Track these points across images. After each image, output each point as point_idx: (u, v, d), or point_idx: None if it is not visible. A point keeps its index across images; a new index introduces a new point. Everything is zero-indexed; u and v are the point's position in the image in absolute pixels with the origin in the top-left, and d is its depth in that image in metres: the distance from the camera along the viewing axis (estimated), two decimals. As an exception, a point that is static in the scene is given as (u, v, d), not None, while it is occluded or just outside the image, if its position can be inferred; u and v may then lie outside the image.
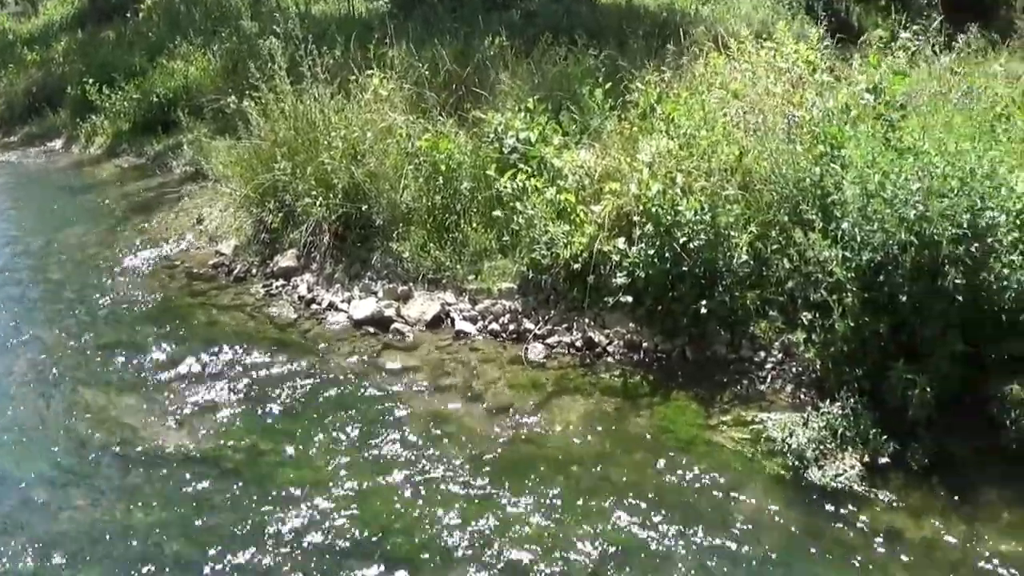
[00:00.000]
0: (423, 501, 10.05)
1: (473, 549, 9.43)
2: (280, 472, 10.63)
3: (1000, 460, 10.18)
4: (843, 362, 10.63)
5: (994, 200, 10.31)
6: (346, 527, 9.75)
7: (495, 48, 16.46)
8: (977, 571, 9.16)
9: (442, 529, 9.68)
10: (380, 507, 10.00)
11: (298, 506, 10.05)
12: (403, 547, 9.48)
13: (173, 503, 10.23)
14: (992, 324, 10.32)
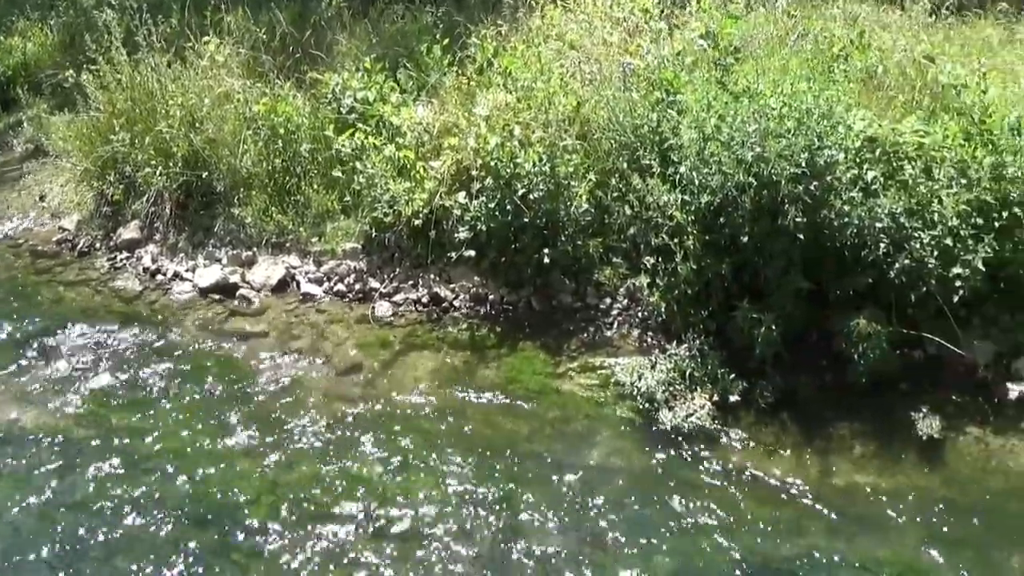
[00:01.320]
0: (276, 463, 9.87)
1: (326, 507, 9.30)
2: (135, 444, 10.33)
3: (848, 394, 10.20)
4: (688, 304, 10.52)
5: (831, 139, 10.24)
6: (202, 493, 9.54)
7: (332, 9, 16.10)
8: (831, 504, 9.19)
9: (295, 489, 9.51)
10: (235, 472, 9.78)
11: (155, 475, 9.82)
12: (259, 509, 9.33)
13: (29, 481, 9.89)
14: (834, 261, 10.30)
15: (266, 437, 10.15)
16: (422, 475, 9.57)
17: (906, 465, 9.67)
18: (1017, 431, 10.01)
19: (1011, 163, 10.32)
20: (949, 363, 10.46)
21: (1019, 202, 10.28)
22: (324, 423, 10.29)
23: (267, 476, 9.68)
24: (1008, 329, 10.48)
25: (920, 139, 10.61)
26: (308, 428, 10.25)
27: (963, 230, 10.04)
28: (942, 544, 8.93)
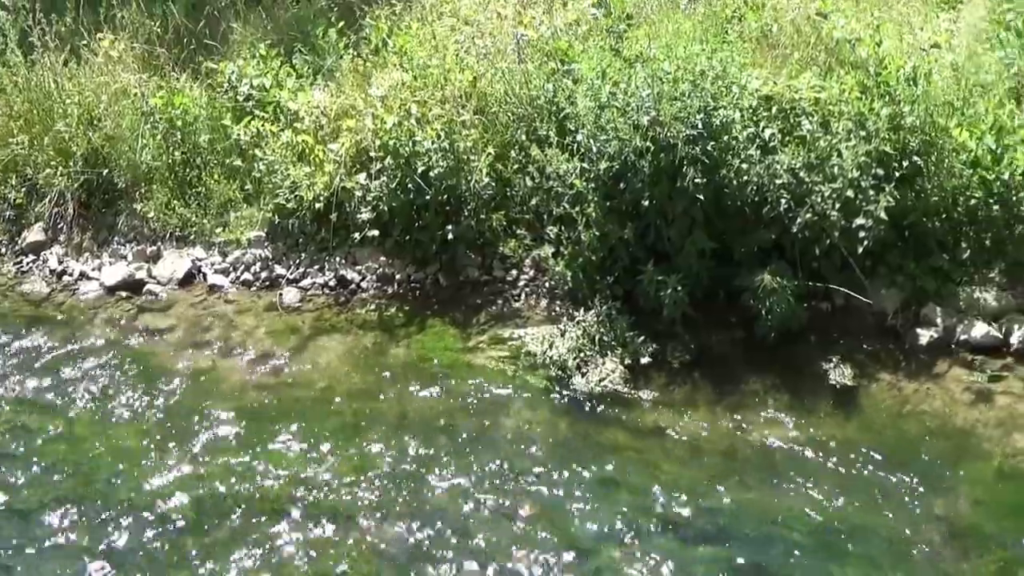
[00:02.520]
0: (194, 456, 9.64)
1: (247, 496, 9.13)
2: (48, 446, 10.06)
3: (759, 349, 10.16)
4: (594, 271, 10.38)
5: (727, 99, 10.16)
6: (119, 491, 9.32)
7: (226, -1, 15.82)
8: (747, 459, 9.16)
9: (215, 480, 9.30)
10: (152, 468, 9.55)
11: (70, 476, 9.60)
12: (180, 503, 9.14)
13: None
14: (737, 219, 10.22)
15: (181, 431, 9.88)
16: (339, 458, 9.37)
17: (820, 416, 9.61)
18: (930, 375, 10.00)
19: (908, 113, 10.30)
20: (858, 313, 10.41)
21: (919, 151, 10.27)
22: (239, 413, 10.06)
23: (185, 470, 9.46)
24: (914, 276, 10.44)
25: (816, 94, 10.54)
26: (223, 419, 9.99)
27: (864, 181, 9.97)
28: (862, 493, 8.88)
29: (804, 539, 8.52)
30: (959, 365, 10.17)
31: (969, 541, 8.58)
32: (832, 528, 8.62)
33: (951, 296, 10.50)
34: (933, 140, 10.48)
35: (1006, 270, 10.59)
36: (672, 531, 8.57)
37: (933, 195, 10.45)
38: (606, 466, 9.14)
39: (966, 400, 9.85)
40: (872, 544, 8.48)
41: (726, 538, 8.52)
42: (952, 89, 11.02)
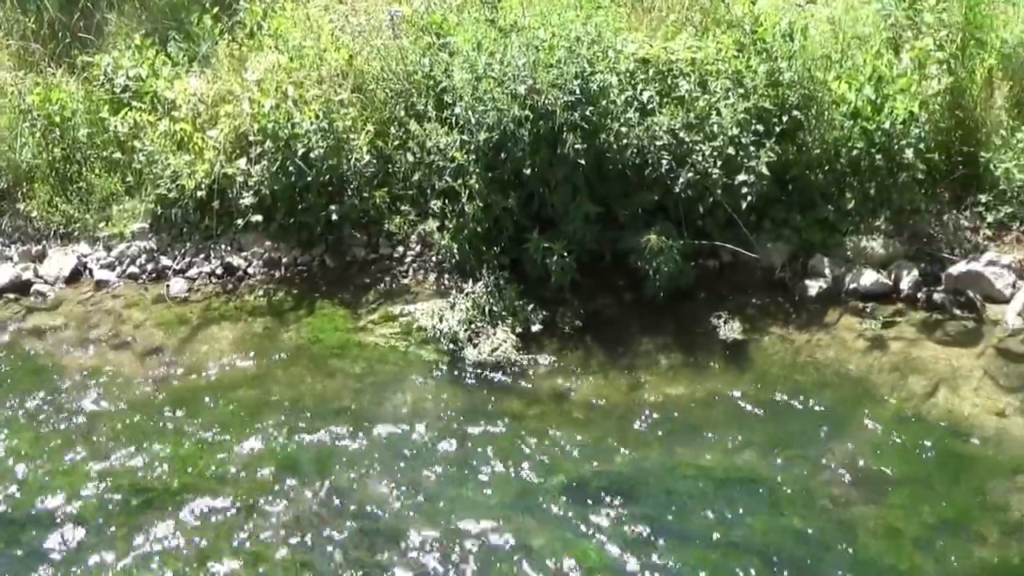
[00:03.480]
0: (90, 456, 9.37)
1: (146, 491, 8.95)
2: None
3: (648, 310, 10.19)
4: (480, 242, 10.29)
5: (603, 64, 10.12)
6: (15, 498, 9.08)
7: (100, -10, 15.52)
8: (644, 418, 9.17)
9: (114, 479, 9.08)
10: (49, 471, 9.28)
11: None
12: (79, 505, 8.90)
13: None
14: (620, 182, 10.19)
15: (76, 431, 9.60)
16: (236, 447, 9.21)
17: (714, 371, 9.65)
18: (820, 325, 10.07)
19: (786, 69, 10.34)
20: (746, 268, 10.45)
21: (798, 105, 10.33)
22: (131, 407, 9.82)
23: (83, 471, 9.18)
24: (800, 229, 10.48)
25: (693, 55, 10.52)
26: (117, 415, 9.75)
27: (744, 138, 10.02)
28: (761, 445, 8.94)
29: (706, 493, 8.53)
30: (850, 314, 10.24)
31: (872, 485, 8.63)
32: (734, 481, 8.64)
33: (838, 246, 10.55)
34: (812, 94, 10.53)
35: (891, 217, 10.65)
36: (575, 494, 8.53)
37: (815, 148, 10.51)
38: (504, 435, 9.09)
39: (859, 347, 9.91)
40: (775, 494, 8.51)
41: (629, 497, 8.49)
42: (830, 43, 11.09)
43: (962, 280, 10.35)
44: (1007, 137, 10.85)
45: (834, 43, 11.13)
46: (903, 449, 8.91)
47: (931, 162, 10.71)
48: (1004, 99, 11.09)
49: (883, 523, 8.31)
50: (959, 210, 10.95)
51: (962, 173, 11.00)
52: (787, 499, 8.46)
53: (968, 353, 9.94)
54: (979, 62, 11.04)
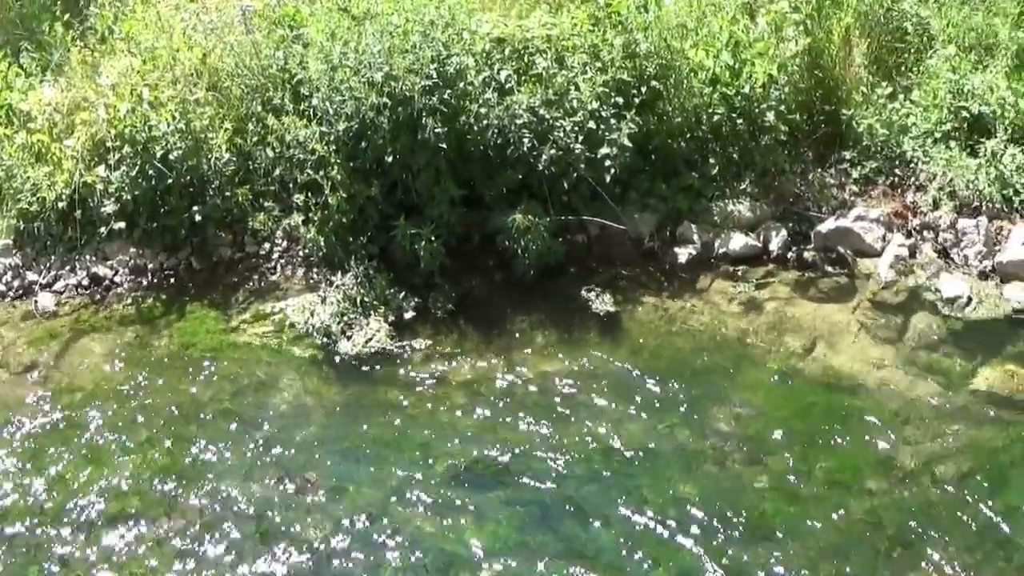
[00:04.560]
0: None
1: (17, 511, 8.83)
2: None
3: (520, 289, 10.34)
4: (346, 233, 10.35)
5: (459, 46, 10.25)
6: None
7: (-56, 7, 15.32)
8: (524, 397, 9.35)
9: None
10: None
11: None
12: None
13: None
14: (482, 163, 10.33)
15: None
16: (112, 460, 9.16)
17: (590, 345, 9.82)
18: (693, 291, 10.35)
19: (642, 40, 10.57)
20: (614, 240, 10.65)
21: (657, 75, 10.56)
22: (5, 427, 9.67)
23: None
24: (666, 197, 10.71)
25: (548, 31, 10.70)
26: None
27: (604, 111, 10.22)
28: (644, 414, 9.14)
29: (594, 468, 8.71)
30: (722, 278, 10.53)
31: (757, 445, 8.88)
32: (619, 453, 8.82)
33: (705, 212, 10.80)
34: (670, 63, 10.77)
35: (757, 180, 10.95)
36: (462, 480, 8.65)
37: (676, 116, 10.75)
38: (385, 425, 9.17)
39: (734, 311, 10.18)
40: (662, 462, 8.72)
41: (517, 478, 8.66)
42: (685, 11, 11.30)
43: (832, 237, 10.66)
44: (868, 93, 11.24)
45: (689, 11, 11.34)
46: (786, 408, 9.21)
47: (793, 123, 11.03)
48: (863, 56, 11.49)
49: (772, 483, 8.59)
50: (824, 168, 11.27)
51: (825, 132, 11.34)
52: (675, 467, 8.68)
53: (843, 308, 10.27)
54: (836, 21, 11.41)
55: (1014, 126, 11.11)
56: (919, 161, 11.09)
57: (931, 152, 11.07)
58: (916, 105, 11.30)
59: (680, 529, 8.17)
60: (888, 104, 11.27)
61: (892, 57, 11.87)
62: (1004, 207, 10.84)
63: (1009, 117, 11.08)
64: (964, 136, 11.17)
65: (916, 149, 11.11)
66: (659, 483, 8.54)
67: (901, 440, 8.92)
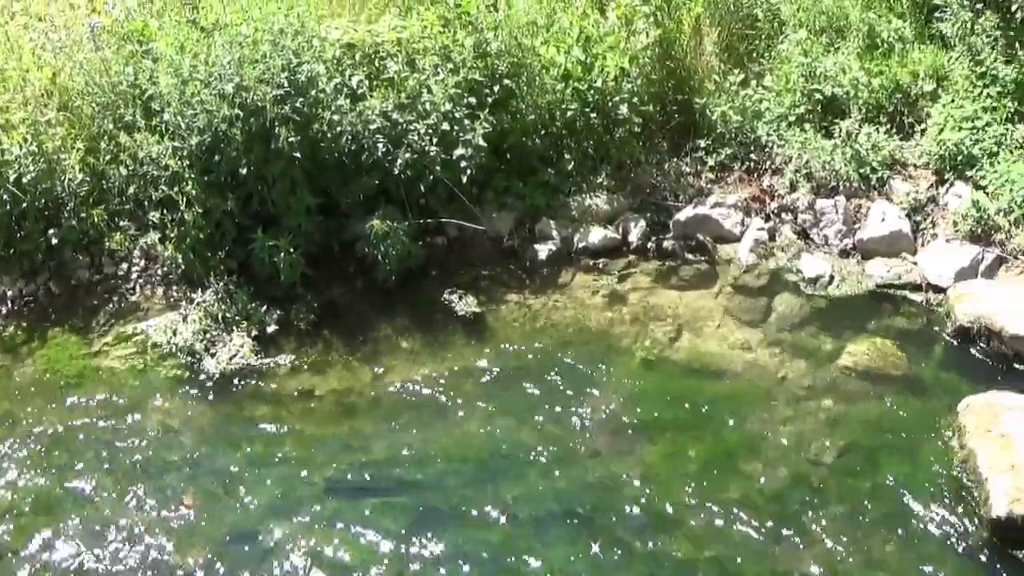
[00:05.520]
0: None
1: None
2: None
3: (383, 295, 10.47)
4: (204, 249, 10.39)
5: (309, 53, 10.37)
6: None
7: None
8: (394, 404, 9.51)
9: None
10: None
11: None
12: None
13: None
14: (337, 171, 10.49)
15: None
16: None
17: (456, 347, 10.02)
18: (555, 287, 10.59)
19: (492, 39, 10.77)
20: (474, 241, 10.86)
21: (508, 74, 10.78)
22: None
23: None
24: (523, 195, 10.94)
25: (398, 35, 10.88)
26: None
27: (457, 112, 10.42)
28: (514, 413, 9.36)
29: (468, 470, 8.89)
30: (583, 272, 10.79)
31: (630, 436, 9.13)
32: (492, 453, 9.02)
33: (563, 208, 11.07)
34: (522, 61, 11.02)
35: (613, 173, 11.25)
36: (337, 493, 8.76)
37: (529, 114, 10.99)
38: (256, 441, 9.25)
39: (597, 304, 10.45)
40: (536, 460, 8.93)
41: (392, 486, 8.81)
42: (535, 8, 11.55)
43: (690, 225, 10.97)
44: (720, 81, 11.55)
45: (539, 8, 11.60)
46: (656, 396, 9.47)
47: (647, 114, 11.36)
48: (714, 45, 11.84)
49: (646, 471, 8.81)
50: (680, 158, 11.60)
51: (679, 122, 11.67)
52: (550, 462, 8.88)
53: (706, 294, 10.60)
54: (686, 12, 11.70)
55: (867, 105, 11.56)
56: (774, 145, 11.45)
57: (786, 136, 11.44)
58: (769, 90, 11.68)
59: (559, 527, 8.38)
60: (741, 91, 11.63)
61: (743, 44, 12.25)
62: (861, 185, 11.25)
63: (862, 97, 11.53)
64: (818, 118, 11.58)
65: (771, 134, 11.48)
66: (534, 481, 8.73)
67: (773, 421, 9.23)
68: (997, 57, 11.52)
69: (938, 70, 11.79)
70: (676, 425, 9.20)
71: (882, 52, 12.03)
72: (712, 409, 9.34)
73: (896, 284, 10.70)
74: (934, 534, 8.27)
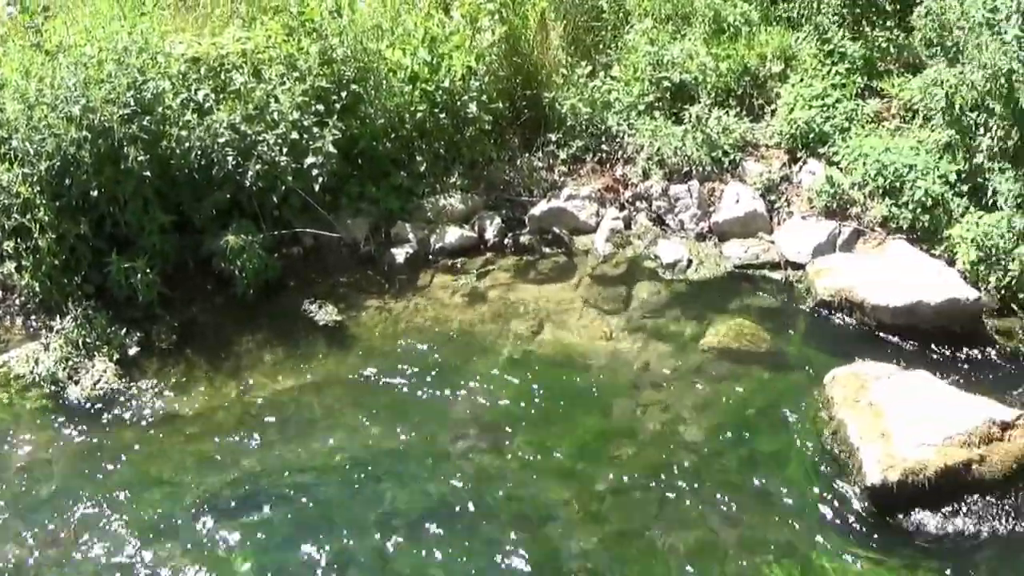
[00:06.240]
0: None
1: None
2: None
3: (242, 310, 10.60)
4: (60, 275, 10.37)
5: (154, 70, 10.50)
6: None
7: None
8: (261, 418, 9.59)
9: None
10: None
11: None
12: None
13: None
14: (189, 187, 10.60)
15: None
16: None
17: (319, 357, 10.17)
18: (415, 289, 10.82)
19: (338, 45, 10.98)
20: (330, 249, 11.04)
21: (355, 79, 10.98)
22: None
23: None
24: (377, 200, 11.17)
25: (243, 46, 11.03)
26: None
27: (306, 120, 10.60)
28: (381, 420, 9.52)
29: (340, 480, 8.99)
30: (442, 273, 11.03)
31: (499, 432, 9.37)
32: (364, 461, 9.14)
33: (418, 210, 11.31)
34: (368, 66, 11.21)
35: (466, 172, 11.51)
36: (210, 512, 8.74)
37: (379, 118, 11.21)
38: (127, 466, 9.21)
39: (458, 303, 10.69)
40: (409, 464, 9.10)
41: (266, 501, 8.87)
42: (380, 12, 11.77)
43: (546, 219, 11.28)
44: (568, 74, 11.85)
45: (384, 12, 11.82)
46: (523, 391, 9.71)
47: (496, 112, 11.63)
48: (560, 38, 12.13)
49: (519, 466, 9.04)
50: (532, 153, 11.90)
51: (529, 117, 11.97)
52: (422, 463, 9.07)
53: (566, 287, 10.91)
54: (531, 7, 12.00)
55: (716, 90, 12.00)
56: (625, 135, 11.82)
57: (636, 124, 11.81)
58: (617, 80, 12.05)
59: (434, 525, 8.54)
60: (589, 83, 11.98)
61: (590, 36, 12.60)
62: (714, 169, 11.66)
63: (711, 81, 11.96)
64: (668, 105, 12.00)
65: (621, 123, 11.85)
66: (408, 485, 8.88)
67: (641, 406, 9.56)
68: (845, 35, 12.02)
69: (786, 51, 12.24)
70: (545, 418, 9.42)
71: (729, 36, 12.46)
72: (579, 400, 9.59)
73: (755, 264, 11.09)
74: (810, 506, 8.61)
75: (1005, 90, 10.25)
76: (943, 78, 10.82)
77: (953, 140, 10.87)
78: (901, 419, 8.74)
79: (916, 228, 10.85)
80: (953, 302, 10.06)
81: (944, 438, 8.60)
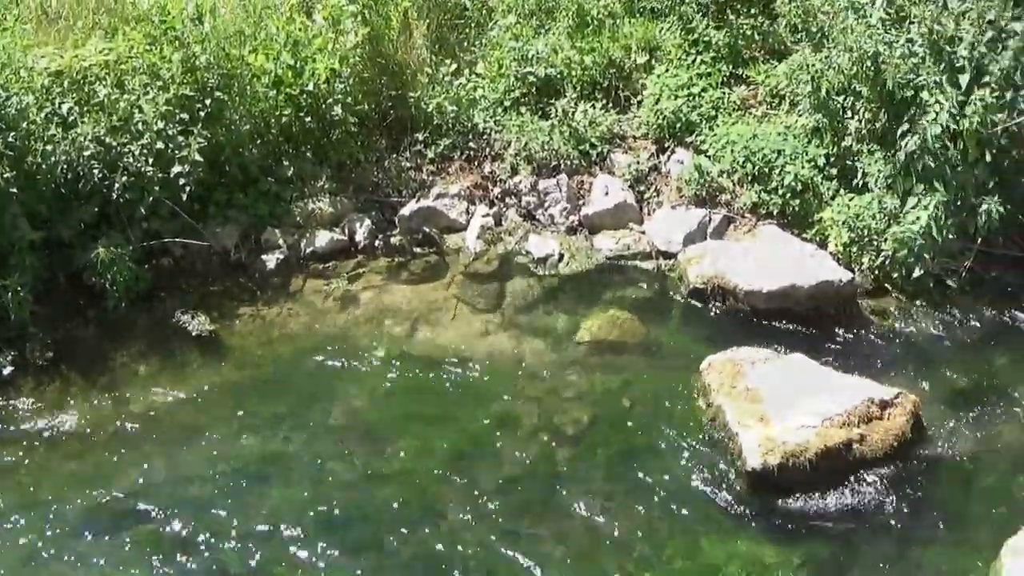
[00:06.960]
0: None
1: None
2: None
3: (115, 323, 10.63)
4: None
5: (16, 85, 10.53)
6: None
7: None
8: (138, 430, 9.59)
9: None
10: None
11: None
12: None
13: None
14: (56, 201, 10.66)
15: None
16: None
17: (194, 367, 10.25)
18: (287, 295, 10.96)
19: (200, 52, 11.06)
20: (200, 258, 11.18)
21: (219, 86, 11.07)
22: None
23: None
24: (245, 207, 11.32)
25: (105, 57, 11.06)
26: None
27: (171, 130, 10.69)
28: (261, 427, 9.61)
29: (222, 490, 9.01)
30: (314, 277, 11.19)
31: (378, 436, 9.52)
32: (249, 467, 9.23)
33: (287, 215, 11.47)
34: (231, 72, 11.33)
35: (333, 175, 11.67)
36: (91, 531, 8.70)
37: (244, 124, 11.35)
38: (8, 490, 9.10)
39: (330, 307, 10.85)
40: (290, 472, 9.20)
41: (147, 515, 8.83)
42: (241, 18, 11.92)
43: (415, 219, 11.51)
44: (433, 73, 12.07)
45: (245, 17, 11.97)
46: (400, 392, 9.88)
47: (362, 113, 11.85)
48: (424, 37, 12.34)
49: (401, 468, 9.16)
50: (399, 153, 12.11)
51: (395, 117, 12.18)
52: (303, 471, 9.17)
53: (438, 286, 11.12)
54: (394, 7, 12.20)
55: (582, 83, 12.30)
56: (492, 131, 12.08)
57: (503, 121, 12.08)
58: (482, 78, 12.30)
59: (321, 532, 8.62)
60: (454, 81, 12.19)
61: (454, 34, 12.86)
62: (582, 162, 11.96)
63: (576, 75, 12.26)
64: (534, 100, 12.27)
65: (487, 120, 12.10)
66: (291, 491, 8.98)
67: (518, 402, 9.75)
68: (709, 23, 12.35)
69: (650, 42, 12.55)
70: (424, 419, 9.59)
71: (593, 29, 12.72)
72: (457, 398, 9.77)
73: (626, 255, 11.40)
74: (692, 493, 8.85)
75: (872, 72, 10.66)
76: (809, 63, 11.22)
77: (821, 124, 11.26)
78: (779, 403, 9.01)
79: (787, 213, 11.21)
80: (826, 284, 10.39)
81: (823, 419, 8.87)
